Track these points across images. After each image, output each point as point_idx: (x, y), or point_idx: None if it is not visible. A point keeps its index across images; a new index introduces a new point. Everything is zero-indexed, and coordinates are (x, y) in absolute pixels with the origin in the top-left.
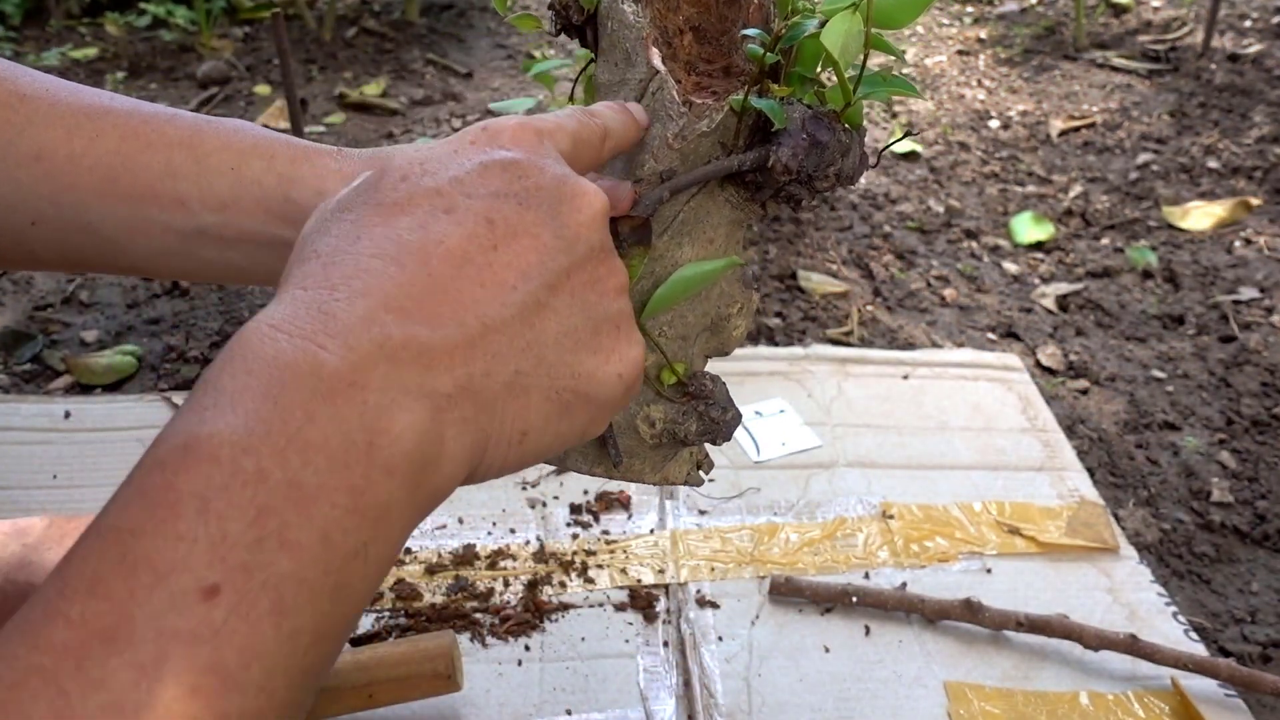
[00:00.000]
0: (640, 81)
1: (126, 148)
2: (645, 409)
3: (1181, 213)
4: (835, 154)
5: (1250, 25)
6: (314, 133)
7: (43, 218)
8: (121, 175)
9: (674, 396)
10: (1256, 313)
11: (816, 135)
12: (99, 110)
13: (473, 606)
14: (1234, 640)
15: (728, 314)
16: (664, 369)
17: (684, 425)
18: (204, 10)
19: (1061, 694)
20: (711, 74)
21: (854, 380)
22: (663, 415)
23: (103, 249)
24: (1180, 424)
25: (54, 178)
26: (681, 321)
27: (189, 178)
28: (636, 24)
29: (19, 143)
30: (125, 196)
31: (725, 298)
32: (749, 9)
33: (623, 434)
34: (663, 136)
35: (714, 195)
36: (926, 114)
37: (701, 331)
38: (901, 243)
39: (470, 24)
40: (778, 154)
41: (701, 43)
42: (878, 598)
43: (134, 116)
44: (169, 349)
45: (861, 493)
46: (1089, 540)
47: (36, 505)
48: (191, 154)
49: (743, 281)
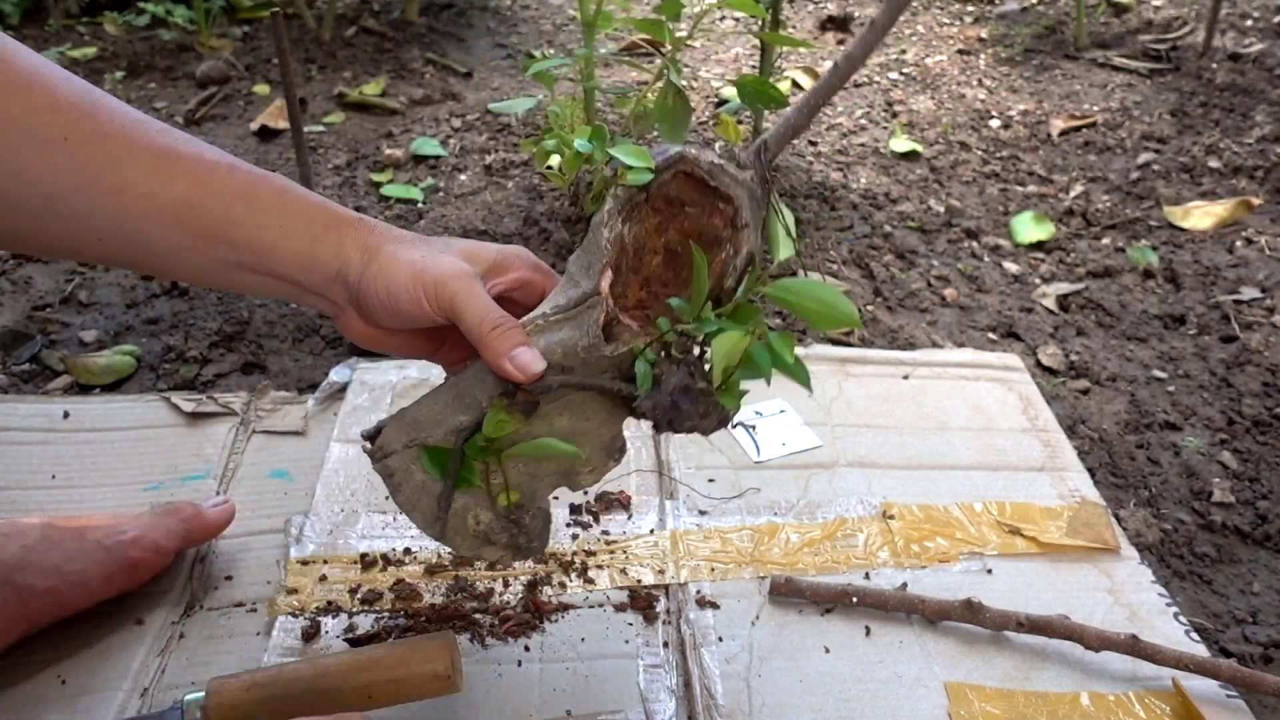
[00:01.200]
0: (584, 293)
1: (194, 194)
2: (477, 510)
3: (1182, 212)
4: (693, 418)
5: (1252, 24)
6: (313, 132)
7: (109, 236)
8: (186, 215)
9: (500, 514)
10: (1258, 312)
11: (680, 403)
12: (172, 154)
13: (472, 607)
14: (1235, 641)
15: (580, 470)
16: (504, 492)
17: (498, 536)
18: (203, 9)
19: (1062, 694)
20: (661, 297)
21: (854, 380)
22: (487, 521)
23: (151, 263)
24: (1181, 424)
25: (129, 208)
26: (535, 465)
27: (243, 226)
28: (605, 249)
29: (104, 177)
30: (186, 231)
31: (586, 461)
32: (717, 258)
33: (455, 515)
34: (577, 343)
35: (599, 396)
36: (927, 113)
37: (553, 474)
38: (902, 242)
39: (470, 23)
40: (641, 403)
41: (669, 266)
42: (878, 598)
43: (200, 164)
44: (168, 349)
45: (862, 493)
46: (1090, 541)
47: (35, 506)
48: (248, 207)
49: (605, 449)
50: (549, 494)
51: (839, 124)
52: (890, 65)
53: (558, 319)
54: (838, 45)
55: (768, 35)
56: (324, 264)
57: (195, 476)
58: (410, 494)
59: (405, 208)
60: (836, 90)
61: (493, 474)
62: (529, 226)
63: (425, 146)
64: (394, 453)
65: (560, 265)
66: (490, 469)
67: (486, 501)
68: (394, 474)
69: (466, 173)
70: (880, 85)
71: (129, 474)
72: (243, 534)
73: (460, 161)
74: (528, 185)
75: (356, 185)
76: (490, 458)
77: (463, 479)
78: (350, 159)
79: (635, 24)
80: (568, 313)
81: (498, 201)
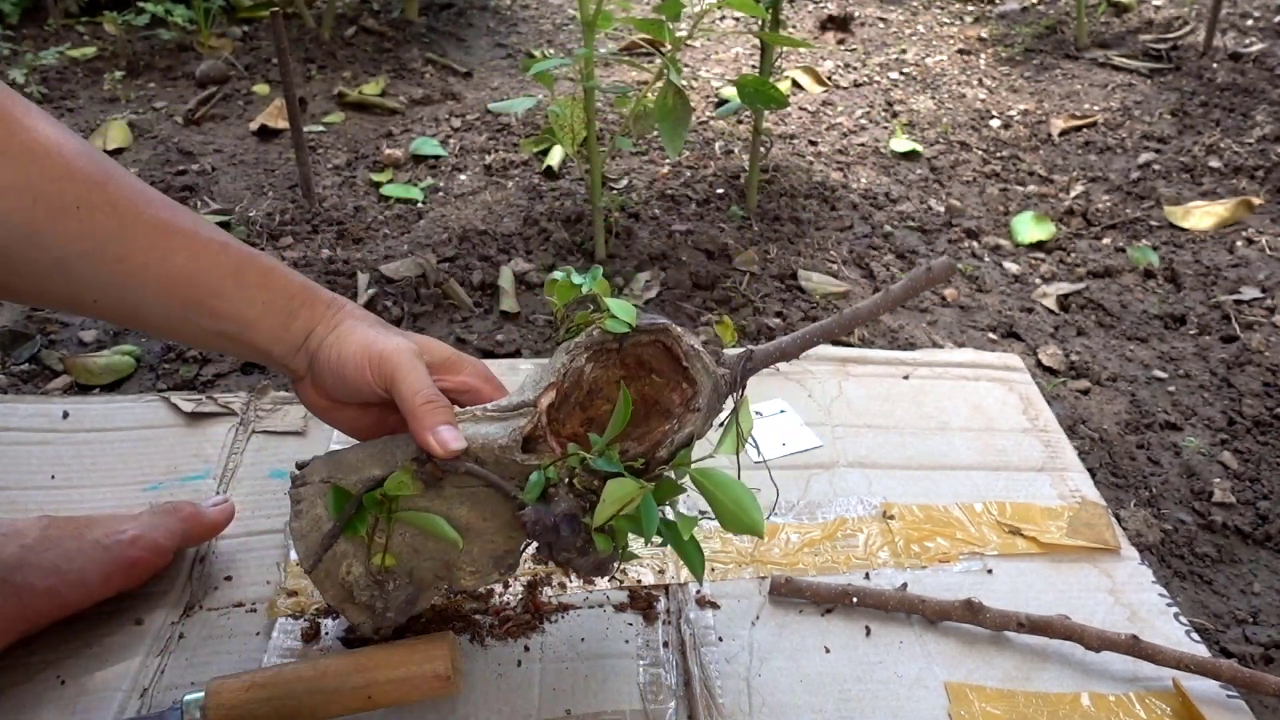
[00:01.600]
0: (523, 402)
1: (189, 269)
2: (352, 561)
3: (1183, 212)
4: (571, 549)
5: (1252, 24)
6: (313, 131)
7: (105, 299)
8: (180, 288)
9: (371, 571)
10: (1258, 312)
11: (560, 528)
12: (172, 229)
13: (472, 608)
14: (1236, 641)
15: (462, 566)
16: (383, 553)
17: (361, 593)
18: (202, 9)
19: (1063, 695)
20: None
21: (854, 380)
22: (357, 574)
23: (139, 323)
24: (1182, 424)
25: (128, 276)
26: (420, 541)
27: (229, 300)
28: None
29: (109, 245)
30: (177, 302)
31: (472, 559)
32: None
33: (331, 558)
34: (496, 440)
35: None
36: (927, 113)
37: (434, 559)
38: (902, 242)
39: (470, 23)
40: (525, 512)
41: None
42: (878, 598)
43: (197, 240)
44: (167, 349)
45: (862, 493)
46: (1090, 541)
47: (34, 505)
48: (236, 283)
49: (494, 558)
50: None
51: (839, 124)
52: (890, 65)
53: (490, 415)
54: (838, 45)
55: (768, 35)
56: (294, 336)
57: (195, 477)
58: (304, 525)
59: (405, 207)
60: (834, 336)
61: (379, 532)
62: (529, 226)
63: (425, 146)
64: (309, 484)
65: (560, 265)
66: (379, 526)
67: (364, 555)
68: (300, 502)
69: (466, 172)
70: (880, 85)
71: (128, 474)
72: (243, 534)
73: (460, 161)
74: (527, 185)
75: (356, 185)
76: (382, 513)
77: (352, 526)
78: (350, 159)
79: (635, 24)
80: (502, 412)
81: (497, 201)
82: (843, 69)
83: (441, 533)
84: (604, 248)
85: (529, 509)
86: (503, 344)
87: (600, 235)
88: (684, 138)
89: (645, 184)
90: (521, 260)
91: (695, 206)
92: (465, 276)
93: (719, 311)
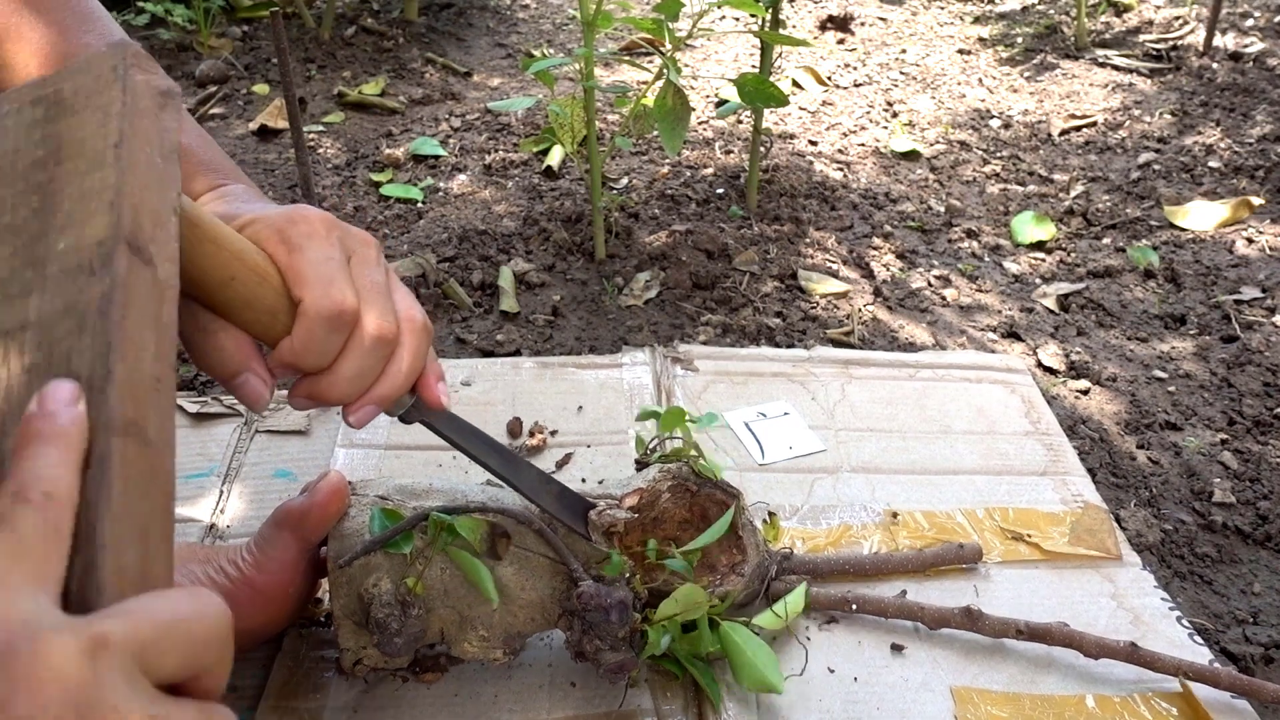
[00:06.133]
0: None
1: None
2: (383, 575)
3: (1183, 212)
4: (610, 635)
5: (1252, 24)
6: (313, 131)
7: None
8: None
9: (398, 592)
10: (1258, 312)
11: (610, 613)
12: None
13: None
14: (1236, 641)
15: (475, 632)
16: (418, 577)
17: (381, 609)
18: (202, 9)
19: (1068, 697)
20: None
21: (857, 383)
22: (384, 590)
23: None
24: (1182, 424)
25: None
26: (454, 586)
27: None
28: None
29: None
30: None
31: (489, 626)
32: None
33: (362, 568)
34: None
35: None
36: (927, 113)
37: (455, 610)
38: (902, 242)
39: (470, 23)
40: (584, 587)
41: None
42: (878, 605)
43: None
44: None
45: (866, 499)
46: (1092, 548)
47: None
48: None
49: (507, 633)
50: (434, 630)
51: (839, 124)
52: (890, 65)
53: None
54: (838, 45)
55: (768, 35)
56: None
57: (200, 474)
58: (353, 525)
59: (405, 207)
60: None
61: (422, 558)
62: (528, 226)
63: (425, 146)
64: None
65: (560, 265)
66: (426, 551)
67: (398, 575)
68: (352, 507)
69: (466, 172)
70: (880, 85)
71: None
72: (246, 534)
73: (460, 161)
74: (527, 185)
75: (356, 185)
76: (437, 539)
77: (396, 544)
78: (350, 159)
79: (635, 23)
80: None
81: (497, 201)
82: (843, 69)
83: (482, 585)
84: (604, 247)
85: (589, 584)
86: (503, 344)
87: (600, 235)
88: (684, 137)
89: (645, 184)
90: (521, 260)
91: (695, 206)
92: (465, 276)
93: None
